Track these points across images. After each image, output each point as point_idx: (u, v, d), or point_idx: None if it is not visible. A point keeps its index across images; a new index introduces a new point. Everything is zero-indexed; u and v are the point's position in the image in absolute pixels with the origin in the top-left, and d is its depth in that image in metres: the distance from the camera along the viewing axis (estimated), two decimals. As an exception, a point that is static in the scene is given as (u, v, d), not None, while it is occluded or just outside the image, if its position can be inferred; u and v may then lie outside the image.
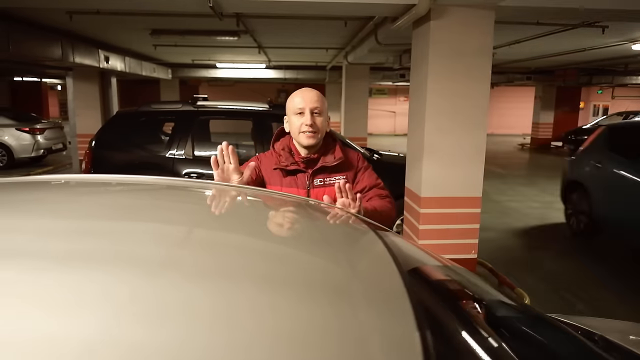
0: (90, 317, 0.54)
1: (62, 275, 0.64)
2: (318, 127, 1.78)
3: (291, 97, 1.83)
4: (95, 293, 0.59)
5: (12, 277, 0.62)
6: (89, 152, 4.87)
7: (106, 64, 8.59)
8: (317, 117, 1.77)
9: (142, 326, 0.53)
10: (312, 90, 1.83)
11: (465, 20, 3.73)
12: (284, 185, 1.82)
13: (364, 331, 0.63)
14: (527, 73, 14.03)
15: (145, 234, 0.88)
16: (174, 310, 0.58)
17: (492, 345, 0.82)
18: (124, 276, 0.65)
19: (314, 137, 1.78)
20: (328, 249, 0.99)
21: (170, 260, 0.75)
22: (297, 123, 1.78)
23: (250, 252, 0.86)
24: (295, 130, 1.80)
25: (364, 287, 0.80)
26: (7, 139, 10.67)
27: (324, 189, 1.81)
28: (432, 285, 1.01)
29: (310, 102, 1.77)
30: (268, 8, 3.97)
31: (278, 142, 1.91)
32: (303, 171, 1.82)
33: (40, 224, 0.87)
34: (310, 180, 1.82)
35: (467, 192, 4.00)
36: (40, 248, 0.73)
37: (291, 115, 1.81)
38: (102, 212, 0.99)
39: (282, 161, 1.82)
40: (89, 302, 0.57)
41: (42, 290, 0.58)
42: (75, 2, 4.18)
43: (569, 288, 4.21)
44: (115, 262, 0.70)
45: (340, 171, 1.84)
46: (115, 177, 1.44)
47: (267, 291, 0.68)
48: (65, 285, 0.60)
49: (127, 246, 0.78)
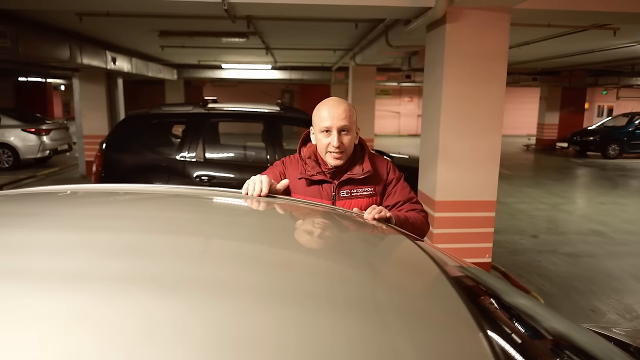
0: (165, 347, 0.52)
1: (133, 301, 0.62)
2: (346, 147, 1.66)
3: (318, 109, 1.70)
4: (165, 322, 0.57)
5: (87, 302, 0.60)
6: (99, 154, 4.84)
7: (113, 65, 8.59)
8: (344, 136, 1.66)
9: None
10: (340, 105, 1.68)
11: (481, 23, 3.71)
12: (307, 194, 1.72)
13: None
14: (533, 74, 13.99)
15: (196, 251, 0.86)
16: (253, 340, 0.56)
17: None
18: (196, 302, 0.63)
19: (341, 157, 1.68)
20: (385, 270, 0.97)
21: (243, 283, 0.72)
22: (324, 142, 1.67)
23: (311, 273, 0.84)
24: (322, 149, 1.69)
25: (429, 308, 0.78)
26: (12, 139, 10.66)
27: (350, 201, 1.71)
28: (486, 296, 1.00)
29: (338, 120, 1.63)
30: (282, 11, 3.95)
31: (305, 148, 1.82)
32: (329, 181, 1.73)
33: (97, 240, 0.85)
34: (336, 192, 1.72)
35: (481, 195, 3.98)
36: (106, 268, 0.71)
37: (317, 131, 1.69)
38: (154, 227, 0.97)
39: (308, 170, 1.73)
40: (162, 331, 0.55)
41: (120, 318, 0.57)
42: (87, 4, 4.16)
43: (583, 292, 4.19)
44: (186, 286, 0.68)
45: (368, 184, 1.74)
46: (148, 188, 1.42)
47: (342, 315, 0.66)
48: (139, 315, 0.58)
49: (195, 268, 0.76)
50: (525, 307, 1.11)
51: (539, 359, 0.81)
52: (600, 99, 22.10)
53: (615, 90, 20.52)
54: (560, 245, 5.58)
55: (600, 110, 22.82)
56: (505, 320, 0.96)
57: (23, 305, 0.58)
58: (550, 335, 0.98)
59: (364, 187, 1.73)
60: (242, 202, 1.40)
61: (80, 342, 0.52)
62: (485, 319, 0.76)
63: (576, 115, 17.37)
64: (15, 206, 1.14)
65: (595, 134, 14.82)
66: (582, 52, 8.70)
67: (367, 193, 1.73)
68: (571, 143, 15.43)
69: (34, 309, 0.57)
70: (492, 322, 0.82)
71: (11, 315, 0.56)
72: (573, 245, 5.62)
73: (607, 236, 5.99)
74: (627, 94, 21.07)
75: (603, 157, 14.40)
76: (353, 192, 1.72)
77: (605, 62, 10.67)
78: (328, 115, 1.65)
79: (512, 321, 0.92)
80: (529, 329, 0.93)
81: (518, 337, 0.85)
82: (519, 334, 0.87)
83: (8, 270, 0.69)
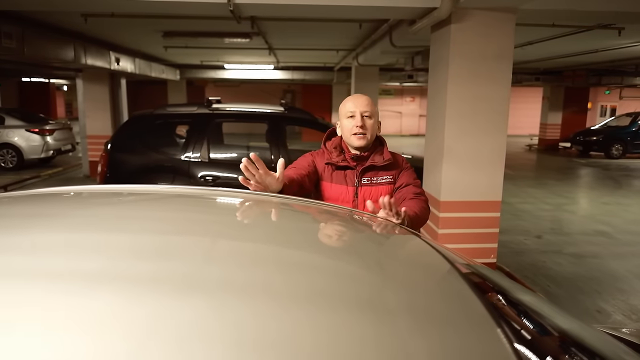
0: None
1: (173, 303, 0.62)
2: (367, 128, 1.89)
3: (343, 102, 1.96)
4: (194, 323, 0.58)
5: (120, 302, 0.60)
6: (105, 154, 4.86)
7: (117, 65, 8.61)
8: (367, 119, 1.90)
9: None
10: (363, 96, 1.95)
11: (486, 24, 3.71)
12: (333, 181, 1.92)
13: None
14: (536, 74, 13.97)
15: (221, 253, 0.86)
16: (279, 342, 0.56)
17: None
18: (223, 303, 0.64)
19: (364, 138, 1.89)
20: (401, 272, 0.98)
21: (266, 284, 0.73)
22: (349, 125, 1.90)
23: (329, 273, 0.84)
24: (347, 132, 1.91)
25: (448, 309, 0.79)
26: (17, 140, 10.69)
27: (371, 187, 1.92)
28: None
29: (360, 105, 1.90)
30: (287, 12, 3.96)
31: (329, 142, 2.03)
32: (352, 168, 1.93)
33: (124, 241, 0.86)
34: (359, 178, 1.92)
35: (486, 196, 3.98)
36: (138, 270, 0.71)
37: (343, 118, 1.93)
38: (174, 227, 0.98)
39: (334, 157, 1.93)
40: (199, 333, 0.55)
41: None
42: (92, 5, 4.17)
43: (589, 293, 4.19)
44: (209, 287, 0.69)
45: (387, 170, 1.95)
46: (161, 189, 1.43)
47: (372, 317, 0.66)
48: (176, 317, 0.59)
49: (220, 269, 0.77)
50: (538, 306, 1.12)
51: (557, 356, 0.81)
52: (603, 98, 22.05)
53: (619, 90, 20.52)
54: (564, 246, 5.57)
55: (603, 110, 22.76)
56: (519, 317, 0.97)
57: (50, 307, 0.58)
58: (563, 334, 0.99)
59: (384, 175, 1.94)
60: (257, 203, 1.41)
61: (108, 342, 0.52)
62: (502, 317, 0.78)
63: (579, 115, 17.33)
64: (31, 207, 1.15)
65: (599, 134, 14.78)
66: (585, 51, 8.68)
67: (387, 181, 1.94)
68: (574, 143, 15.39)
69: (62, 310, 0.58)
70: (508, 319, 0.83)
71: (40, 317, 0.56)
72: (577, 245, 5.61)
73: (611, 237, 5.98)
74: (630, 93, 21.06)
75: (606, 157, 14.37)
76: (374, 180, 1.93)
77: (609, 61, 10.65)
78: (352, 103, 1.92)
79: (526, 319, 0.93)
80: (543, 326, 0.93)
81: (533, 334, 0.85)
82: (534, 331, 0.87)
83: (34, 272, 0.69)
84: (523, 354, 0.67)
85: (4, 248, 0.79)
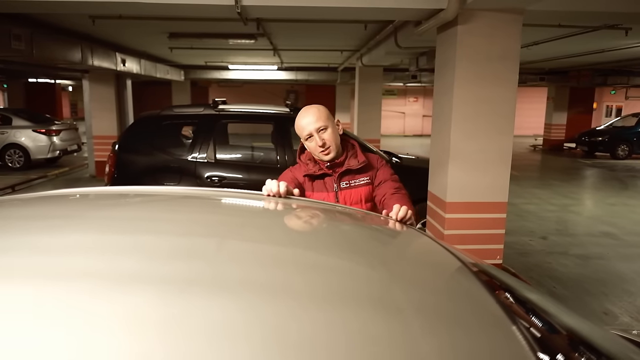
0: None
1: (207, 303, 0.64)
2: (330, 141, 1.90)
3: (296, 124, 1.94)
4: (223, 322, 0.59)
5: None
6: (112, 155, 4.90)
7: (123, 66, 8.67)
8: (323, 133, 1.89)
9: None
10: (310, 110, 1.92)
11: (493, 25, 3.71)
12: (315, 190, 1.97)
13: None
14: (541, 74, 13.93)
15: (241, 253, 0.88)
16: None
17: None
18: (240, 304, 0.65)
19: (330, 151, 1.91)
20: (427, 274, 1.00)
21: (288, 284, 0.75)
22: (312, 146, 1.92)
23: (347, 274, 0.86)
24: (314, 152, 1.94)
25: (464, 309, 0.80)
26: (23, 140, 10.78)
27: (351, 190, 1.96)
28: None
29: (313, 124, 1.88)
30: (294, 13, 3.97)
31: (303, 155, 2.07)
32: (330, 175, 1.97)
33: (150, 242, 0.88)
34: (337, 183, 1.97)
35: (492, 197, 3.99)
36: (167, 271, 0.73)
37: (303, 140, 1.96)
38: (198, 229, 1.00)
39: (310, 168, 1.98)
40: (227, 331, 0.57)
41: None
42: (102, 8, 4.20)
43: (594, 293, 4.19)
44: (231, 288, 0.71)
45: (363, 172, 1.98)
46: (179, 190, 1.45)
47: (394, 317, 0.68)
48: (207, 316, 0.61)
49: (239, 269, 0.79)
50: (546, 304, 1.13)
51: (567, 354, 0.83)
52: (609, 98, 21.96)
53: (624, 90, 20.42)
54: (570, 247, 5.57)
55: (608, 110, 22.67)
56: (529, 315, 0.98)
57: (85, 309, 0.61)
58: (572, 332, 1.00)
59: (361, 177, 1.98)
60: (273, 206, 1.44)
61: (143, 342, 0.55)
62: (515, 315, 0.80)
63: (584, 115, 17.25)
64: (56, 208, 1.17)
65: (604, 134, 14.73)
66: (592, 51, 8.66)
67: (364, 182, 1.98)
68: (579, 143, 15.34)
69: (98, 310, 0.60)
70: (520, 317, 0.85)
71: (76, 316, 0.59)
72: (583, 246, 5.60)
73: (617, 238, 5.97)
74: (636, 93, 20.97)
75: (612, 157, 14.32)
76: (352, 183, 1.97)
77: (615, 61, 10.62)
78: (305, 124, 1.90)
79: (536, 317, 0.94)
80: (552, 324, 0.95)
81: (543, 332, 0.87)
82: (543, 329, 0.89)
83: (68, 272, 0.72)
84: (537, 352, 0.69)
85: (42, 249, 0.82)
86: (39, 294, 0.64)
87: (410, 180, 2.85)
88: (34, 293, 0.64)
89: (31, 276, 0.70)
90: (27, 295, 0.63)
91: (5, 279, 0.68)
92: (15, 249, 0.81)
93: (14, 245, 0.84)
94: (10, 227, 0.97)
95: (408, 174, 3.73)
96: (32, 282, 0.68)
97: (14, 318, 0.58)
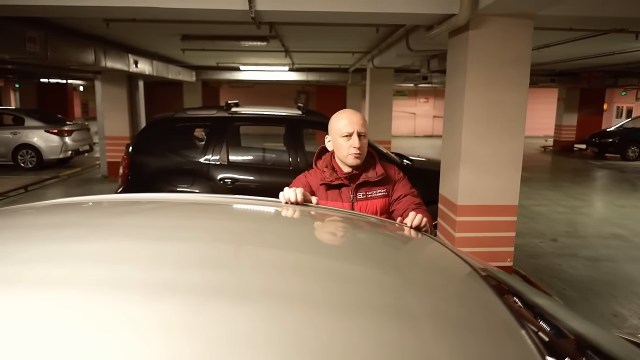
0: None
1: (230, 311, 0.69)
2: (364, 149, 1.91)
3: (337, 118, 1.93)
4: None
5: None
6: (126, 157, 4.97)
7: (135, 67, 8.76)
8: (362, 139, 1.89)
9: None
10: (358, 114, 1.93)
11: (504, 30, 3.74)
12: (329, 199, 1.94)
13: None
14: (552, 75, 13.85)
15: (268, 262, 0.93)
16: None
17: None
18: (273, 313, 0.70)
19: (360, 158, 1.91)
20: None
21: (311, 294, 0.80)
22: (345, 145, 1.89)
23: (363, 282, 0.91)
24: (344, 152, 1.91)
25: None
26: (36, 140, 10.90)
27: (367, 202, 1.94)
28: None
29: (357, 125, 1.88)
30: (307, 18, 4.02)
31: (320, 160, 2.05)
32: (347, 185, 1.95)
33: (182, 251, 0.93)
34: (354, 194, 1.94)
35: (503, 200, 4.01)
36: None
37: (337, 137, 1.92)
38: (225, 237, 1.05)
39: (327, 177, 1.94)
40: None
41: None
42: (117, 12, 4.28)
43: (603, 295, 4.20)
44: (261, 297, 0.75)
45: (381, 185, 1.97)
46: (201, 198, 1.50)
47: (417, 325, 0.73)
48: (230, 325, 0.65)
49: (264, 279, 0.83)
50: (554, 309, 1.17)
51: (575, 358, 0.86)
52: (619, 99, 21.77)
53: (635, 91, 20.22)
54: (580, 249, 5.57)
55: (619, 112, 22.47)
56: (537, 320, 1.02)
57: (116, 316, 0.65)
58: (580, 337, 1.04)
59: (378, 189, 1.97)
60: (295, 214, 1.48)
61: (172, 348, 0.59)
62: (524, 319, 0.84)
63: (594, 116, 17.13)
64: (81, 216, 1.22)
65: (614, 136, 14.63)
66: (602, 54, 8.63)
67: (381, 194, 1.97)
68: (589, 145, 15.24)
69: (130, 318, 0.65)
70: (528, 322, 0.89)
71: (108, 324, 0.63)
72: (593, 249, 5.60)
73: (628, 240, 5.96)
74: (647, 94, 20.75)
75: (622, 159, 14.22)
76: (369, 194, 1.95)
77: (626, 63, 10.55)
78: (349, 122, 1.89)
79: (544, 321, 0.98)
80: (560, 329, 0.98)
81: (551, 336, 0.91)
82: (551, 333, 0.92)
83: (100, 280, 0.76)
84: (545, 356, 0.73)
85: (84, 257, 0.87)
86: (87, 300, 0.69)
87: (421, 183, 2.89)
88: (82, 298, 0.69)
89: (82, 284, 0.74)
90: (75, 301, 0.68)
91: (52, 287, 0.73)
92: (51, 259, 0.85)
93: (50, 254, 0.88)
94: (45, 237, 1.01)
95: (419, 177, 3.78)
96: (80, 289, 0.72)
97: (67, 323, 0.62)
